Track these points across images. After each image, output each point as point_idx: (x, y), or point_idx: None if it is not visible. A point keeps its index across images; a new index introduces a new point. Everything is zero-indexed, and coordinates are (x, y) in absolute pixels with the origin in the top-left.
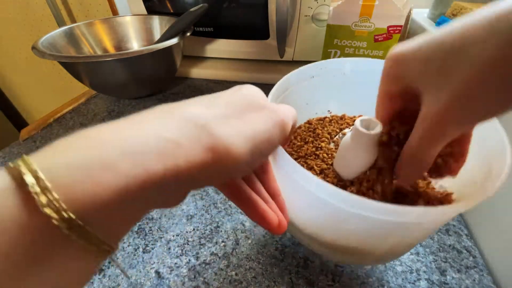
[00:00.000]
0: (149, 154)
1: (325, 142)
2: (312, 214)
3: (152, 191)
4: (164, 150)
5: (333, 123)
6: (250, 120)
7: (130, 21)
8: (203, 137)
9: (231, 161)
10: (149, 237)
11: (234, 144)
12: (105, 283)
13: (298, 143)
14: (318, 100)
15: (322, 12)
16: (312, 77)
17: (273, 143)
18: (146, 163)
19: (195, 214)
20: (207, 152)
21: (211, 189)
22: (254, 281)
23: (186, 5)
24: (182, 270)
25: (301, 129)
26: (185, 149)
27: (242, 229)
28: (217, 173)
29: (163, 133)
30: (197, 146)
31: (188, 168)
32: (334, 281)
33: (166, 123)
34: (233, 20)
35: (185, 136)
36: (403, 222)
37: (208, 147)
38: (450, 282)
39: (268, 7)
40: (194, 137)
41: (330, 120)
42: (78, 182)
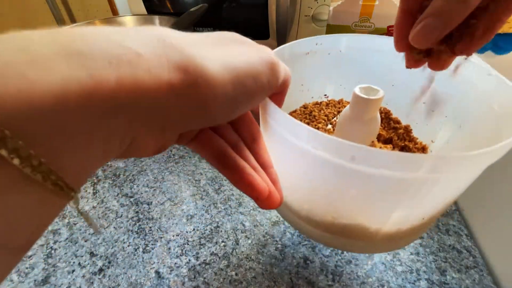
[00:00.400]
0: (99, 58)
1: (322, 123)
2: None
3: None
4: (119, 57)
5: (330, 107)
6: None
7: (130, 21)
8: (172, 54)
9: (206, 86)
10: (149, 237)
11: (210, 68)
12: (105, 283)
13: None
14: (314, 81)
15: (322, 12)
16: (307, 53)
17: (259, 82)
18: (92, 66)
19: (195, 214)
20: (176, 71)
21: (211, 189)
22: (254, 281)
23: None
24: (182, 270)
25: (296, 112)
26: (147, 62)
27: (242, 229)
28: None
29: (119, 40)
30: (164, 61)
31: (152, 86)
32: (334, 281)
33: (128, 35)
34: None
35: (150, 49)
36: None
37: (178, 65)
38: (450, 282)
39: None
40: (160, 52)
41: (327, 104)
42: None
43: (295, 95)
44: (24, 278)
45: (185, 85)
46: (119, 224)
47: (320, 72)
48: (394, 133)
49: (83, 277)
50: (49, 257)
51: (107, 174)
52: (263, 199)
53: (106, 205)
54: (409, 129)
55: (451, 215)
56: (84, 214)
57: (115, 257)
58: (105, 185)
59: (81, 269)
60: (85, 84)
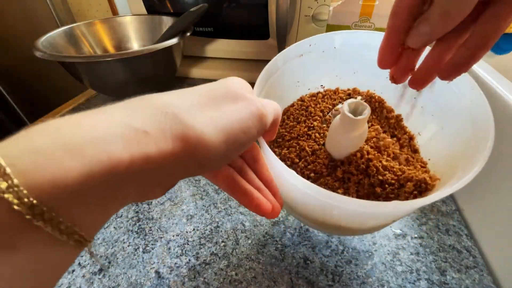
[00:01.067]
0: (114, 141)
1: (317, 121)
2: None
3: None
4: (130, 139)
5: (326, 99)
6: (225, 109)
7: (130, 21)
8: (173, 125)
9: (203, 150)
10: (149, 237)
11: (207, 134)
12: (105, 283)
13: (290, 123)
14: (310, 77)
15: (322, 12)
16: (301, 55)
17: (250, 134)
18: (109, 150)
19: (195, 214)
20: (178, 141)
21: (211, 189)
22: (254, 281)
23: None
24: (182, 270)
25: (293, 107)
26: (154, 138)
27: (242, 229)
28: (191, 164)
29: (130, 122)
30: (167, 134)
31: (158, 157)
32: (334, 281)
33: (134, 112)
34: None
35: (154, 124)
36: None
37: (179, 136)
38: (450, 282)
39: (268, 7)
40: (164, 126)
41: (323, 95)
42: (40, 166)
43: (292, 91)
44: None
45: (185, 152)
46: (119, 224)
47: (315, 68)
48: (386, 123)
49: (83, 277)
50: None
51: None
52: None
53: None
54: (400, 118)
55: (451, 215)
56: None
57: (115, 257)
58: None
59: (81, 269)
60: (105, 165)
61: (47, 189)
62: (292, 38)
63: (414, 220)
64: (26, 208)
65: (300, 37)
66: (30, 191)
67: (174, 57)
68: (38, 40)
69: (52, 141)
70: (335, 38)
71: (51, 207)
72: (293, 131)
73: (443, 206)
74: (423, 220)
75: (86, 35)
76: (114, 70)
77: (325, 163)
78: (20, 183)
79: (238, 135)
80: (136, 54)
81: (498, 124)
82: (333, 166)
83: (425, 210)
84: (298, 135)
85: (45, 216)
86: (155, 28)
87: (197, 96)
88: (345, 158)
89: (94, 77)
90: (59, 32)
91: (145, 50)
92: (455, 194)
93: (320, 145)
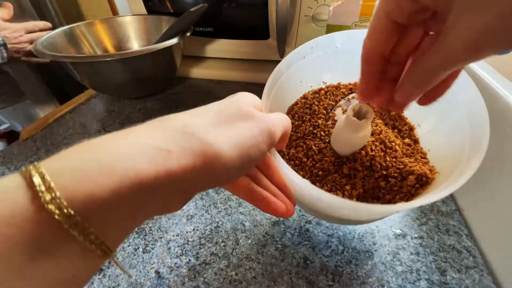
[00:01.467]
0: (140, 160)
1: (321, 119)
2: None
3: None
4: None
5: (329, 95)
6: (238, 128)
7: (130, 21)
8: (193, 143)
9: (221, 165)
10: (149, 237)
11: (224, 149)
12: (105, 283)
13: (296, 122)
14: (312, 75)
15: (322, 12)
16: (304, 57)
17: (261, 149)
18: (137, 167)
19: (195, 214)
20: (198, 156)
21: (211, 189)
22: (254, 281)
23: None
24: (182, 270)
25: (297, 105)
26: (176, 155)
27: (242, 229)
28: (210, 177)
29: (154, 142)
30: (189, 152)
31: (180, 172)
32: (334, 281)
33: (156, 134)
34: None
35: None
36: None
37: (199, 153)
38: (450, 282)
39: (268, 7)
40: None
41: (326, 92)
42: (78, 182)
43: (296, 90)
44: None
45: (205, 166)
46: None
47: (317, 67)
48: (386, 115)
49: None
50: None
51: None
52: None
53: None
54: None
55: (451, 215)
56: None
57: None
58: None
59: None
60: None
61: (83, 202)
62: (292, 38)
63: (414, 220)
64: (65, 217)
65: (300, 37)
66: (69, 203)
67: (174, 57)
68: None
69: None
70: (336, 39)
71: (85, 218)
72: (298, 130)
73: (443, 206)
74: (423, 220)
75: (86, 35)
76: (114, 70)
77: (331, 160)
78: (61, 195)
79: (251, 150)
80: (136, 54)
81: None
82: (340, 163)
83: (425, 210)
84: (304, 134)
85: (79, 226)
86: (155, 28)
87: (212, 115)
88: (350, 155)
89: (94, 77)
90: (59, 32)
91: (145, 50)
92: (455, 194)
93: (326, 143)
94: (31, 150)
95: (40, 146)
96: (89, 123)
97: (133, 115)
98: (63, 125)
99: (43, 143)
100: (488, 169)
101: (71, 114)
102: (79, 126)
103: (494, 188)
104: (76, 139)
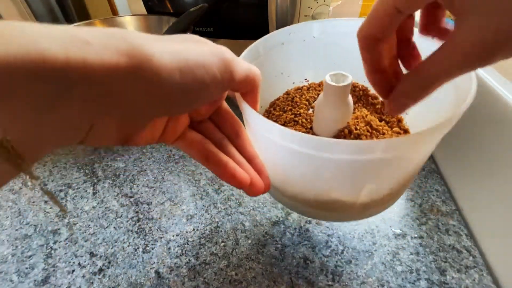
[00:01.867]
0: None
1: (303, 109)
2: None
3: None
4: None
5: (311, 90)
6: (186, 45)
7: (130, 21)
8: (120, 43)
9: (152, 71)
10: (149, 237)
11: (155, 54)
12: (105, 283)
13: (276, 113)
14: (293, 68)
15: (322, 12)
16: (282, 43)
17: (210, 72)
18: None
19: (195, 214)
20: (123, 56)
21: (211, 189)
22: (254, 281)
23: (186, 5)
24: (182, 270)
25: (279, 100)
26: (96, 48)
27: (242, 229)
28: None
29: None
30: (111, 48)
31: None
32: (334, 281)
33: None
34: (233, 20)
35: (99, 39)
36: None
37: (124, 52)
38: (450, 282)
39: (268, 7)
40: (108, 42)
41: (308, 88)
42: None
43: (277, 82)
44: (24, 278)
45: (130, 67)
46: (119, 224)
47: (297, 59)
48: (372, 108)
49: (83, 277)
50: (49, 257)
51: (107, 174)
52: (246, 188)
53: (106, 205)
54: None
55: (451, 215)
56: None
57: (115, 257)
58: (105, 185)
59: (81, 269)
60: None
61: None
62: None
63: (414, 220)
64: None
65: None
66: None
67: None
68: None
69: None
70: (313, 27)
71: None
72: (279, 119)
73: (443, 206)
74: (423, 220)
75: None
76: None
77: None
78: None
79: (196, 68)
80: None
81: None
82: None
83: (425, 210)
84: (285, 122)
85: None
86: (155, 28)
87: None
88: (333, 136)
89: None
90: None
91: None
92: (455, 194)
93: (308, 129)
94: None
95: None
96: None
97: None
98: None
99: None
100: (488, 169)
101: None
102: None
103: (494, 188)
104: None
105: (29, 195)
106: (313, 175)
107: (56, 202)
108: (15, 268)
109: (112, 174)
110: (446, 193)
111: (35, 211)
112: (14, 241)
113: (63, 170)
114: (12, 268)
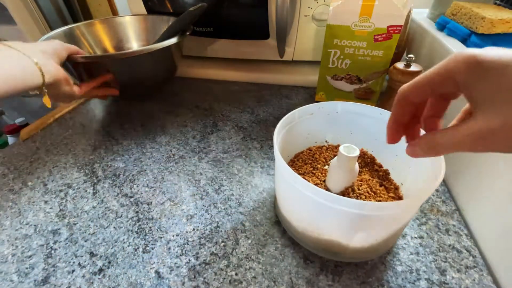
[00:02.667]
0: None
1: (320, 164)
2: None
3: None
4: None
5: (329, 150)
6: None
7: (130, 21)
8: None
9: None
10: (149, 237)
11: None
12: (105, 283)
13: (299, 164)
14: (318, 131)
15: (322, 12)
16: (312, 114)
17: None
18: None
19: (195, 214)
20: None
21: (211, 189)
22: (254, 281)
23: (186, 5)
24: (182, 270)
25: (303, 153)
26: None
27: (242, 229)
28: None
29: None
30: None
31: None
32: (334, 281)
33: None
34: (233, 20)
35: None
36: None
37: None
38: (450, 282)
39: (268, 7)
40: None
41: (327, 148)
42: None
43: (302, 141)
44: (24, 278)
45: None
46: (119, 224)
47: (322, 126)
48: (376, 175)
49: (83, 277)
50: (49, 257)
51: (107, 174)
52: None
53: (106, 205)
54: (388, 172)
55: (451, 215)
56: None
57: (115, 257)
58: (105, 185)
59: (81, 269)
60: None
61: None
62: (292, 38)
63: (414, 220)
64: None
65: (300, 37)
66: None
67: (173, 57)
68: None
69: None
70: (337, 106)
71: None
72: (300, 169)
73: (443, 206)
74: (423, 220)
75: (86, 35)
76: (113, 70)
77: None
78: None
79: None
80: (135, 54)
81: None
82: None
83: (425, 210)
84: (304, 172)
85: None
86: (155, 28)
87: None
88: (340, 192)
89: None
90: (58, 32)
91: (145, 50)
92: (455, 194)
93: (321, 181)
94: (31, 150)
95: (40, 146)
96: (89, 123)
97: (133, 115)
98: (63, 125)
99: (42, 143)
100: (488, 169)
101: (71, 114)
102: (78, 126)
103: (494, 188)
104: (76, 139)
105: (29, 195)
106: (319, 218)
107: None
108: (15, 268)
109: (112, 174)
110: (446, 193)
111: (35, 211)
112: (14, 241)
113: (63, 170)
114: (12, 268)
